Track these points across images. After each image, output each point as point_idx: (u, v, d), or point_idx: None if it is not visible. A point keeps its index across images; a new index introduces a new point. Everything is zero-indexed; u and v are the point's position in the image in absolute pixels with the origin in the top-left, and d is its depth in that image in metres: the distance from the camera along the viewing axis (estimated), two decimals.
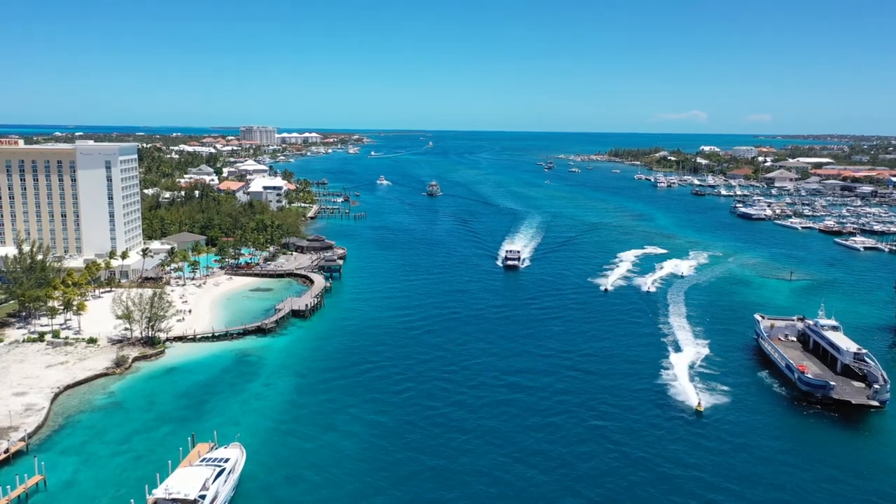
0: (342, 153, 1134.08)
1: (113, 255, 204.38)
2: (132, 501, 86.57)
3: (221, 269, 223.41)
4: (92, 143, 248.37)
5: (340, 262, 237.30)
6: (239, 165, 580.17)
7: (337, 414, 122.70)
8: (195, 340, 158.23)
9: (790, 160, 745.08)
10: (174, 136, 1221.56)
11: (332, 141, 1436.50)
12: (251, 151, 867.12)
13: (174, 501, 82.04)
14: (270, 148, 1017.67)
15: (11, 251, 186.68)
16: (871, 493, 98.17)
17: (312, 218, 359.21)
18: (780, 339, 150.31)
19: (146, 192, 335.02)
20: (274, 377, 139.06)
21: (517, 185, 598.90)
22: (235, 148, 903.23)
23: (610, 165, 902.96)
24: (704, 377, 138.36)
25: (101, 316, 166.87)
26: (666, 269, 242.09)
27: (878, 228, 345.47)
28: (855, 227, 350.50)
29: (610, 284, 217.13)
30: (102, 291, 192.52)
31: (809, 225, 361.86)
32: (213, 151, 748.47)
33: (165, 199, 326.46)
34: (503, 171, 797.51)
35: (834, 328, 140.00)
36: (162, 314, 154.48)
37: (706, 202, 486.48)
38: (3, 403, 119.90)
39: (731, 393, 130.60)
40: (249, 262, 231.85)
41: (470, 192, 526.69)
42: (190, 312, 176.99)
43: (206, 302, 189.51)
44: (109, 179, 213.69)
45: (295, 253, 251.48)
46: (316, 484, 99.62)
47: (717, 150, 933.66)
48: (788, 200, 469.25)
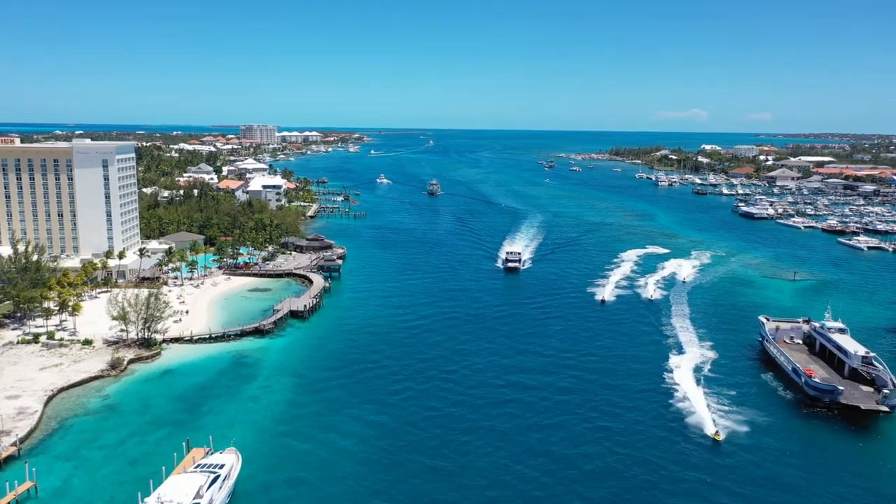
0: (342, 152, 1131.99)
1: (110, 254, 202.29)
2: None
3: (220, 268, 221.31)
4: (89, 141, 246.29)
5: (340, 261, 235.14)
6: (239, 164, 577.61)
7: (335, 416, 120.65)
8: (192, 342, 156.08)
9: (792, 159, 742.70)
10: (174, 134, 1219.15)
11: (332, 139, 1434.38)
12: (251, 150, 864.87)
13: None
14: (271, 146, 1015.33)
15: (6, 251, 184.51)
16: (884, 499, 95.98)
17: (312, 217, 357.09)
18: (785, 341, 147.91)
19: (144, 190, 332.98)
20: (271, 379, 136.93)
21: (518, 183, 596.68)
22: (235, 146, 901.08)
23: (611, 164, 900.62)
24: (709, 381, 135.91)
25: (97, 317, 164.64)
26: (668, 269, 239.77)
27: (881, 228, 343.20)
28: (858, 226, 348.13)
29: (612, 286, 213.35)
30: (99, 292, 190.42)
31: (812, 224, 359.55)
32: (212, 150, 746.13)
33: (164, 198, 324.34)
34: (504, 169, 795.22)
35: (841, 331, 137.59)
36: (158, 315, 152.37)
37: (708, 201, 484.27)
38: None
39: (736, 397, 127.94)
40: (248, 261, 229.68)
41: (471, 190, 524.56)
42: (187, 313, 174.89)
43: (203, 302, 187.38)
44: (106, 178, 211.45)
45: (294, 252, 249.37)
46: (314, 488, 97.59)
47: (718, 148, 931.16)
48: (791, 199, 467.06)
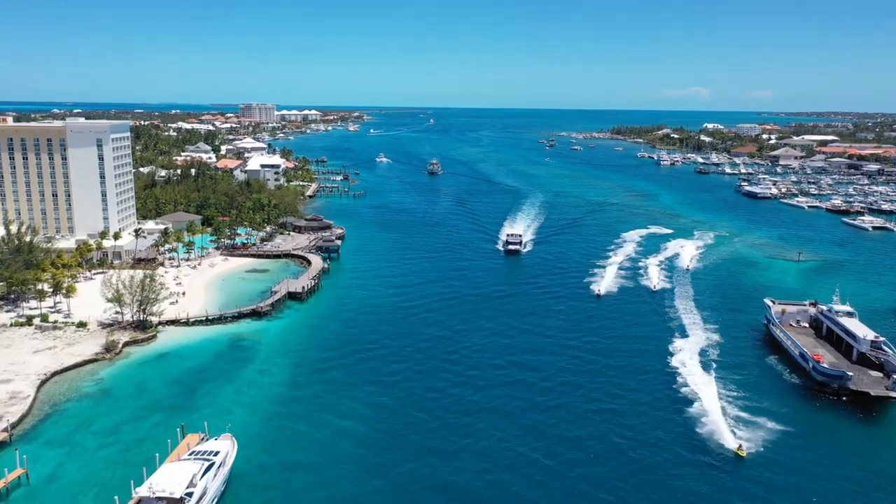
0: (342, 131, 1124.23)
1: (105, 235, 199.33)
2: (116, 499, 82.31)
3: (217, 249, 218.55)
4: (83, 120, 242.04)
5: (339, 242, 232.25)
6: (237, 143, 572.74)
7: (334, 399, 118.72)
8: (188, 324, 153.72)
9: (795, 138, 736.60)
10: (173, 113, 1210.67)
11: (331, 118, 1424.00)
12: (250, 129, 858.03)
13: (159, 500, 77.70)
14: (270, 125, 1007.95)
15: None
16: (894, 487, 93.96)
17: (311, 197, 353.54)
18: (791, 324, 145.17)
19: (142, 170, 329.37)
20: (269, 363, 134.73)
21: (519, 163, 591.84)
22: (234, 125, 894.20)
23: (612, 143, 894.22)
24: (713, 365, 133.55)
25: (91, 298, 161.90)
26: (671, 250, 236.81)
27: (886, 207, 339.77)
28: (862, 206, 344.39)
29: (614, 268, 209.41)
30: (95, 273, 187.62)
31: (816, 204, 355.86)
32: (211, 129, 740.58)
33: (161, 177, 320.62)
34: (504, 148, 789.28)
35: (849, 314, 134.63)
36: (154, 297, 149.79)
37: (710, 181, 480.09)
38: None
39: (742, 382, 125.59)
40: (245, 242, 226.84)
41: (471, 170, 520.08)
42: (184, 295, 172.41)
43: (200, 283, 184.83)
44: (101, 158, 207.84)
45: (292, 233, 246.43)
46: (311, 475, 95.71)
47: (720, 127, 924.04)
48: (794, 179, 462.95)
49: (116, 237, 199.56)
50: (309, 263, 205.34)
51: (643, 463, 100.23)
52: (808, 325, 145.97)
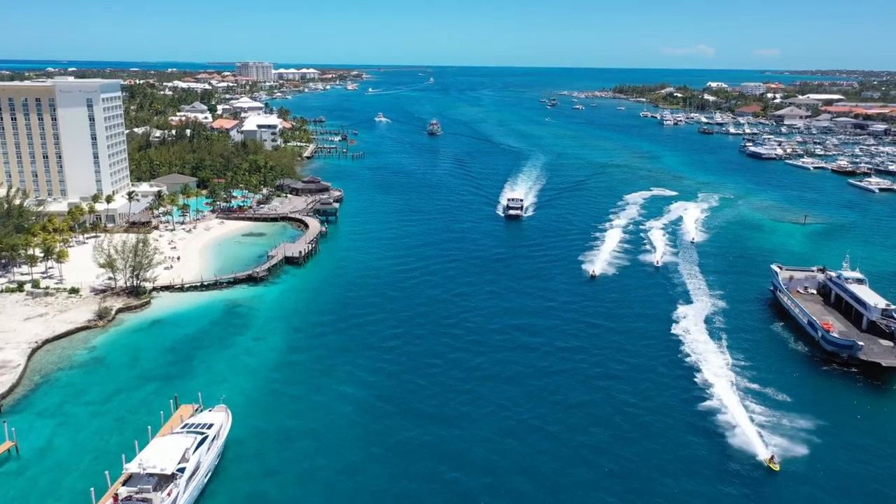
0: (340, 89, 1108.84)
1: (97, 198, 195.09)
2: (107, 474, 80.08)
3: (213, 212, 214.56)
4: (72, 79, 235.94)
5: (337, 205, 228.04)
6: (234, 103, 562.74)
7: (331, 370, 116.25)
8: (183, 290, 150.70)
9: (800, 97, 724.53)
10: (169, 71, 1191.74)
11: (330, 77, 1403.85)
12: (247, 88, 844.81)
13: (150, 476, 75.37)
14: (267, 84, 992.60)
15: None
16: None
17: (309, 158, 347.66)
18: (798, 291, 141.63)
19: (136, 130, 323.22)
20: (265, 330, 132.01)
21: (520, 122, 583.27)
22: (231, 84, 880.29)
23: (615, 102, 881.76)
24: (718, 333, 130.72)
25: (84, 263, 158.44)
26: (674, 213, 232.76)
27: (893, 169, 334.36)
28: (869, 167, 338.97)
29: (616, 235, 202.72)
30: (88, 237, 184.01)
31: (821, 165, 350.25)
32: (207, 88, 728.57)
33: (156, 138, 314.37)
34: (505, 108, 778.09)
35: (859, 281, 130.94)
36: (147, 262, 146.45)
37: (714, 141, 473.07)
38: None
39: (748, 351, 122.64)
40: (242, 205, 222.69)
41: (472, 130, 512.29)
42: (178, 259, 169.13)
43: (195, 248, 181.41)
44: (92, 119, 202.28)
45: (290, 195, 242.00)
46: (308, 447, 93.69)
47: (724, 86, 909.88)
48: (799, 139, 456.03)
49: (109, 200, 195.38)
50: (306, 227, 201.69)
51: (646, 430, 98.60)
52: (815, 291, 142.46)
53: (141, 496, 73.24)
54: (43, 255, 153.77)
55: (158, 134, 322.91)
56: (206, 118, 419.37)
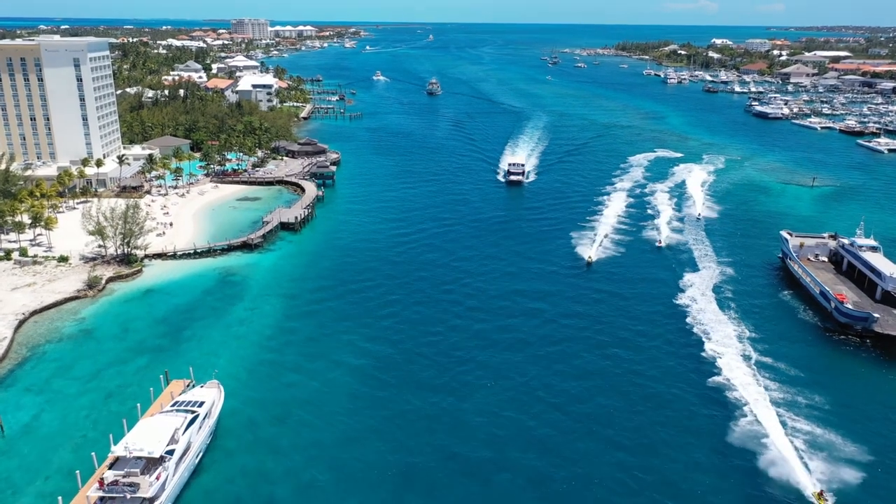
0: (338, 47, 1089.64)
1: (87, 162, 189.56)
2: (93, 456, 76.98)
3: (206, 176, 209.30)
4: (58, 38, 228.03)
5: (334, 168, 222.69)
6: (229, 61, 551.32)
7: (328, 341, 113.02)
8: (175, 258, 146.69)
9: (806, 54, 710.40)
10: (163, 29, 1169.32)
11: (327, 35, 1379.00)
12: (243, 46, 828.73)
13: (137, 460, 72.18)
14: (263, 42, 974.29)
15: None
16: None
17: (305, 118, 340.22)
18: (809, 258, 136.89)
19: (128, 90, 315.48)
20: (260, 300, 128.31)
21: (521, 81, 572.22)
22: (226, 42, 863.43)
23: (617, 60, 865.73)
24: (727, 304, 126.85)
25: (74, 230, 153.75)
26: (679, 175, 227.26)
27: None
28: (877, 127, 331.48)
29: (621, 200, 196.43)
30: (78, 202, 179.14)
31: (829, 125, 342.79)
32: (202, 46, 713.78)
33: (149, 98, 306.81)
34: (506, 66, 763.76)
35: (873, 249, 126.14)
36: (138, 230, 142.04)
37: (719, 100, 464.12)
38: None
39: (758, 323, 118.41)
40: (236, 168, 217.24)
41: (472, 90, 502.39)
42: (171, 225, 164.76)
43: (188, 213, 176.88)
44: (79, 79, 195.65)
45: (285, 158, 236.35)
46: (305, 423, 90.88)
47: (729, 43, 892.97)
48: (806, 98, 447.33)
49: (99, 164, 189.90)
50: (302, 191, 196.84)
51: (653, 401, 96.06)
52: (826, 259, 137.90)
53: (128, 480, 70.11)
54: (31, 221, 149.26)
55: (151, 94, 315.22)
56: (200, 78, 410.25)
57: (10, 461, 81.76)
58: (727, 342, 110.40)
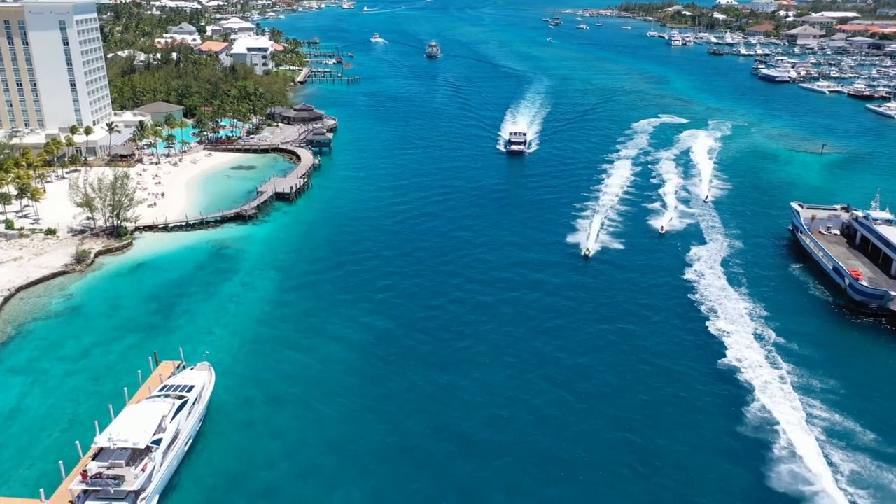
0: (336, 8, 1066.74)
1: (75, 130, 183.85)
2: (78, 444, 73.70)
3: (200, 143, 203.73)
4: None
5: (330, 135, 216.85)
6: (224, 23, 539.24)
7: (324, 317, 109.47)
8: (167, 230, 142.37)
9: (813, 14, 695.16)
10: None
11: None
12: (238, 7, 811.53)
13: (122, 451, 68.90)
14: (259, 3, 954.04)
15: None
16: None
17: (302, 83, 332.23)
18: (820, 231, 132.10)
19: (119, 54, 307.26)
20: (254, 275, 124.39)
21: (522, 44, 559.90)
22: (221, 3, 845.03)
23: (620, 21, 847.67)
24: (736, 279, 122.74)
25: (62, 201, 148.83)
26: (684, 142, 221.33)
27: None
28: (887, 90, 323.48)
29: (625, 171, 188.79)
30: (67, 171, 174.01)
31: (837, 88, 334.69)
32: (197, 7, 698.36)
33: (141, 62, 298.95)
34: (507, 28, 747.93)
35: (888, 222, 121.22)
36: (128, 201, 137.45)
37: (725, 62, 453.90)
38: None
39: (768, 300, 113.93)
40: (231, 135, 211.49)
41: (472, 52, 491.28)
42: (163, 196, 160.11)
43: (181, 182, 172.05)
44: (66, 43, 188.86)
45: (281, 124, 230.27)
46: (300, 406, 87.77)
47: (734, 3, 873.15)
48: (813, 60, 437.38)
49: (88, 132, 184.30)
50: (298, 159, 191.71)
51: (660, 379, 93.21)
52: (839, 232, 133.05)
53: (112, 473, 66.89)
54: (17, 192, 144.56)
55: (143, 58, 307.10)
56: (194, 40, 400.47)
57: None
58: (737, 319, 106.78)
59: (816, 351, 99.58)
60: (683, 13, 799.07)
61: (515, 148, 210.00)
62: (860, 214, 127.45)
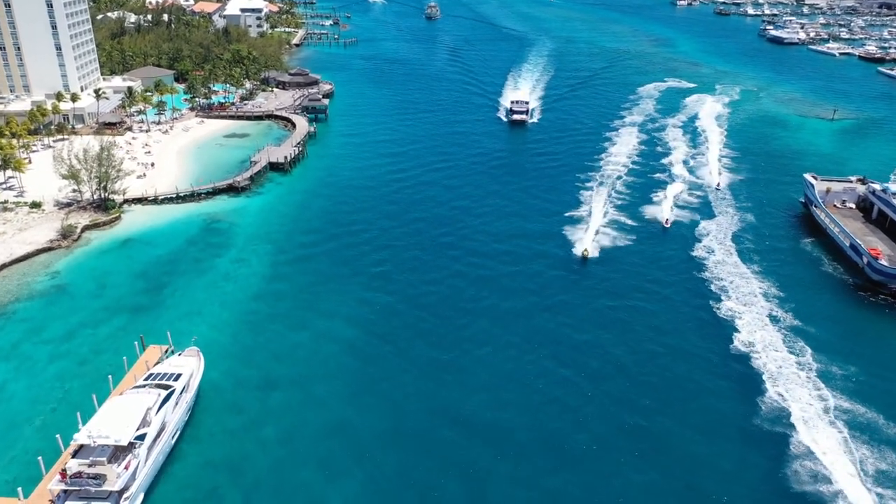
0: None
1: (61, 96, 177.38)
2: (59, 438, 69.96)
3: (191, 110, 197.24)
4: None
5: (326, 101, 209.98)
6: None
7: (320, 295, 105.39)
8: (157, 202, 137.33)
9: None
10: None
11: None
12: None
13: (102, 448, 65.06)
14: None
15: None
16: None
17: (297, 45, 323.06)
18: (835, 205, 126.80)
19: (109, 15, 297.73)
20: (247, 250, 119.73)
21: (524, 4, 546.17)
22: None
23: None
24: (748, 255, 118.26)
25: (48, 172, 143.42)
26: (691, 108, 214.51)
27: None
28: None
29: (632, 140, 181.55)
30: (54, 140, 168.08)
31: (848, 50, 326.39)
32: None
33: (131, 24, 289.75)
34: None
35: None
36: (115, 173, 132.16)
37: (732, 23, 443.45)
38: None
39: (782, 278, 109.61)
40: (223, 101, 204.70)
41: (473, 13, 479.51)
42: (153, 166, 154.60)
43: (172, 151, 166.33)
44: (50, 5, 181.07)
45: (275, 90, 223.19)
46: (294, 388, 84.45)
47: None
48: (822, 21, 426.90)
49: (74, 98, 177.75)
50: (293, 126, 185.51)
51: (670, 359, 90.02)
52: (854, 205, 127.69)
53: (93, 471, 63.14)
54: (0, 164, 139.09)
55: (134, 19, 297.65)
56: (187, 2, 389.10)
57: None
58: (749, 299, 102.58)
59: (833, 333, 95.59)
60: None
61: (517, 118, 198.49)
62: (877, 187, 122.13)
